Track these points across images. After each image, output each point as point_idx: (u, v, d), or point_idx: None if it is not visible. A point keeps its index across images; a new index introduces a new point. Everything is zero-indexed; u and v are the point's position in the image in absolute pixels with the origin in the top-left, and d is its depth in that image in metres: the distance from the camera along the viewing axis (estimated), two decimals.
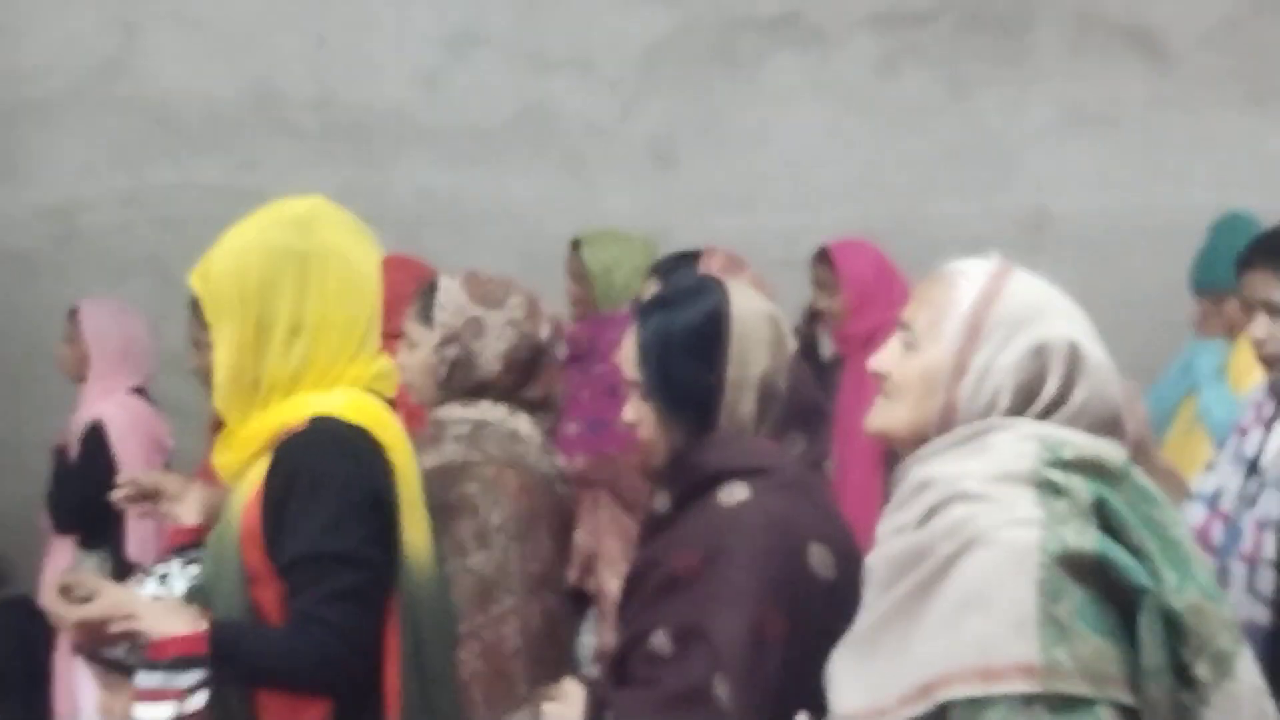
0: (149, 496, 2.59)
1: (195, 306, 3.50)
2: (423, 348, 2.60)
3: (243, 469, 2.15)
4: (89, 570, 4.15)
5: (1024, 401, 1.72)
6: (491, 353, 2.59)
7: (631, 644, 2.06)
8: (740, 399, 2.08)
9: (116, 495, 2.60)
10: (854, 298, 4.22)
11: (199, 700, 1.94)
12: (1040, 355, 1.71)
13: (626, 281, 4.21)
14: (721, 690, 1.91)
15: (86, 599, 2.02)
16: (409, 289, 2.72)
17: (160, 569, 2.26)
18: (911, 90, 5.64)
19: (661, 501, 2.15)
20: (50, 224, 5.39)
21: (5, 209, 5.37)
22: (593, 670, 2.80)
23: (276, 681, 2.03)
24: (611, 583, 2.72)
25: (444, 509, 2.38)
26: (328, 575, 2.01)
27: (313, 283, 2.11)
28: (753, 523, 1.99)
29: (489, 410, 2.60)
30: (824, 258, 4.30)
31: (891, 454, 3.89)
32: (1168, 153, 5.68)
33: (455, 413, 2.59)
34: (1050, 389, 1.72)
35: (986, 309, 1.74)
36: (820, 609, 1.96)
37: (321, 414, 2.09)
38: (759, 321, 2.11)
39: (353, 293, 2.14)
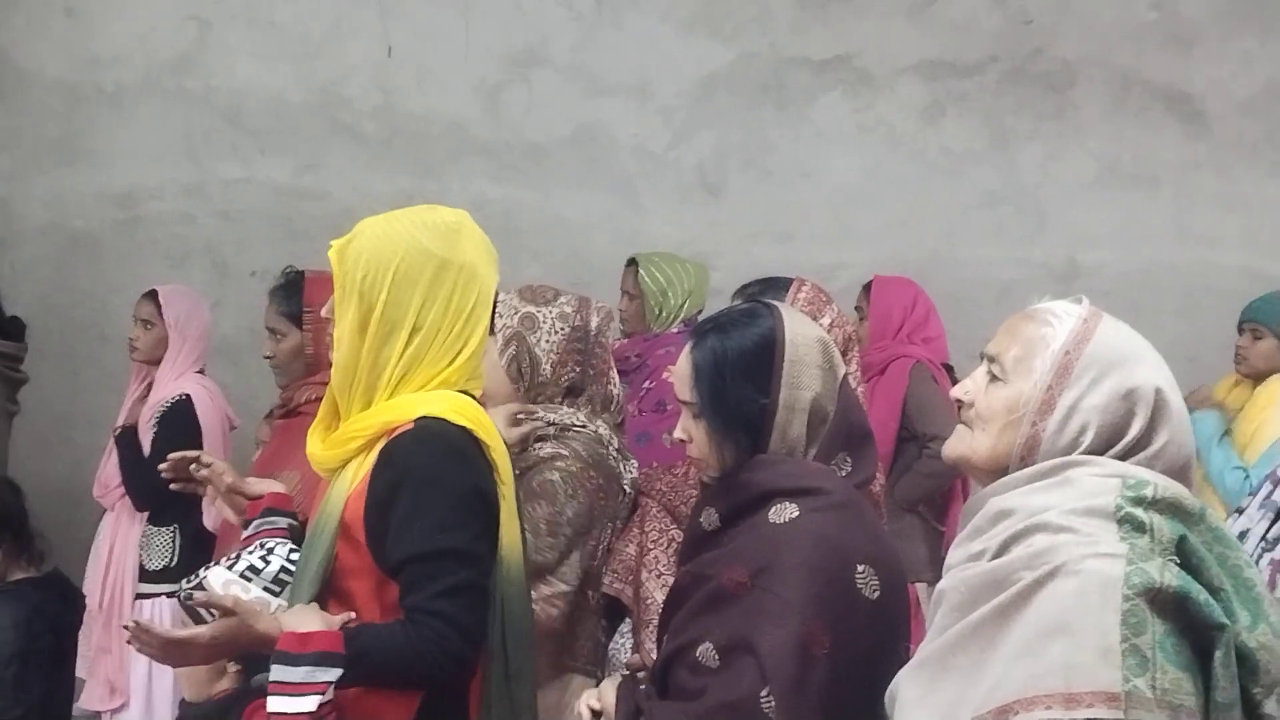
0: (195, 479, 2.57)
1: (276, 295, 3.66)
2: (490, 354, 2.68)
3: (341, 464, 2.20)
4: (160, 545, 4.23)
5: (1107, 442, 1.76)
6: (547, 343, 2.71)
7: (676, 655, 2.09)
8: (791, 421, 2.11)
9: (165, 469, 2.59)
10: (875, 329, 4.44)
11: (331, 694, 1.97)
12: (1129, 399, 1.75)
13: (679, 302, 4.33)
14: (768, 703, 1.93)
15: (221, 613, 2.05)
16: None
17: (268, 542, 2.31)
18: (953, 137, 5.73)
19: (709, 518, 2.18)
20: (115, 209, 5.45)
21: (73, 191, 5.43)
22: (624, 674, 2.89)
23: (401, 677, 2.05)
24: (655, 593, 2.78)
25: (524, 492, 2.46)
26: (444, 572, 2.04)
27: (443, 290, 2.16)
28: (802, 541, 2.01)
29: (570, 415, 2.71)
30: (867, 288, 4.50)
31: (891, 475, 3.94)
32: (1199, 213, 5.77)
33: (539, 415, 2.70)
34: (1134, 432, 1.75)
35: (1079, 349, 1.78)
36: (865, 627, 2.00)
37: (428, 414, 2.12)
38: (811, 346, 2.14)
39: (473, 309, 2.20)
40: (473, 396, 2.25)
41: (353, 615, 2.08)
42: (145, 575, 4.29)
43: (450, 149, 5.53)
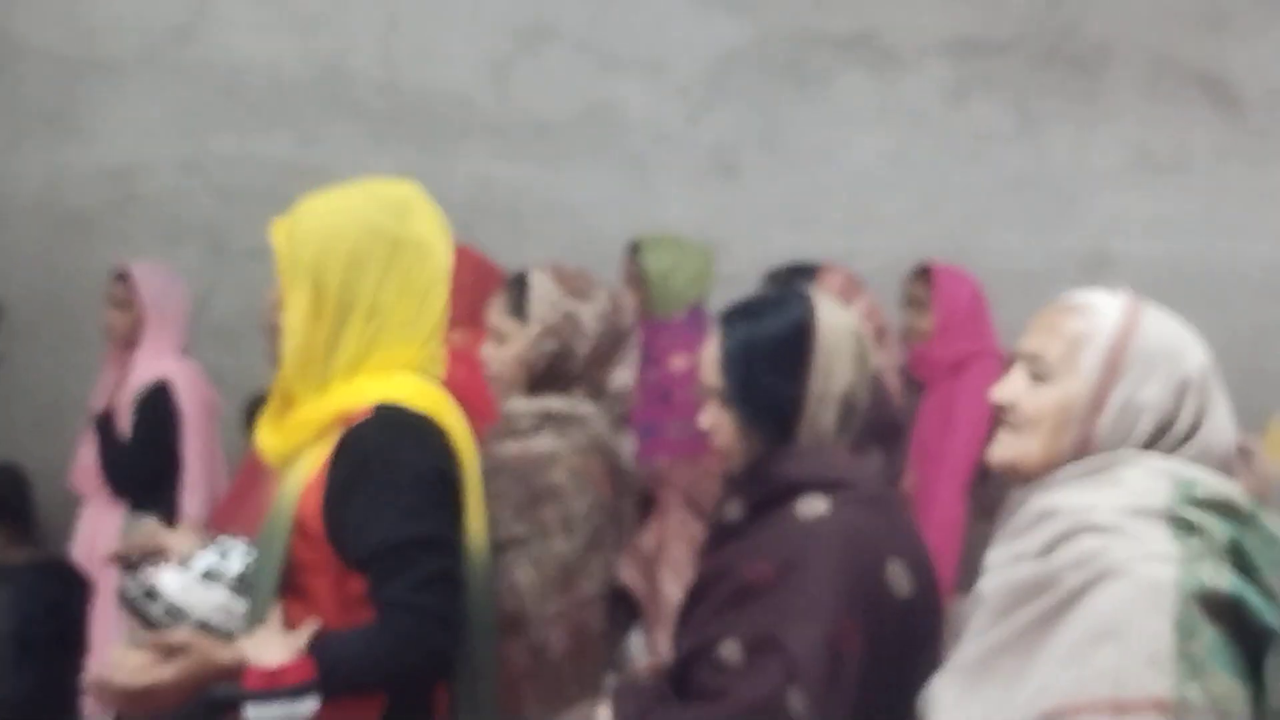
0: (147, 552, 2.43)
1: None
2: (514, 341, 2.61)
3: (294, 454, 2.13)
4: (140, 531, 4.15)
5: (1157, 435, 1.73)
6: (586, 345, 2.63)
7: (696, 652, 2.04)
8: (821, 412, 2.08)
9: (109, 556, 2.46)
10: (944, 322, 4.19)
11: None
12: (1179, 391, 1.73)
13: (683, 288, 4.22)
14: (796, 701, 1.89)
15: (174, 650, 1.94)
16: (464, 277, 2.73)
17: (224, 542, 2.22)
18: (980, 120, 5.63)
19: (733, 510, 2.14)
20: (110, 186, 5.38)
21: (68, 167, 5.37)
22: (633, 673, 2.81)
23: (383, 678, 1.99)
24: (671, 588, 2.72)
25: (531, 496, 2.42)
26: (416, 561, 1.97)
27: (398, 269, 2.10)
28: (830, 535, 1.99)
29: (555, 401, 2.62)
30: (923, 276, 4.26)
31: (979, 480, 3.84)
32: (1232, 203, 5.68)
33: (520, 405, 2.61)
34: (1184, 423, 1.73)
35: (1126, 343, 1.74)
36: (895, 625, 1.97)
37: (386, 400, 2.06)
38: (844, 335, 2.11)
39: (430, 286, 2.15)
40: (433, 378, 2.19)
41: (317, 626, 1.99)
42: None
43: (456, 126, 5.44)
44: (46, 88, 5.36)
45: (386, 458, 2.02)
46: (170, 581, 2.11)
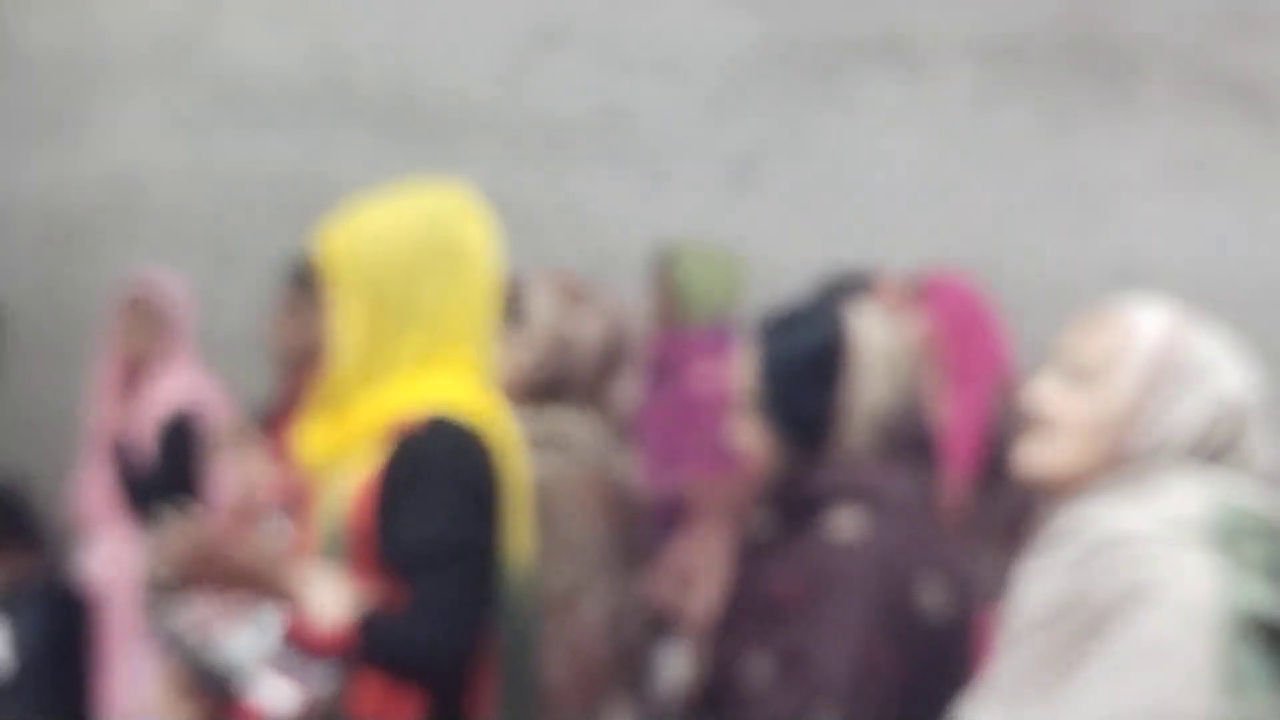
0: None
1: (301, 282, 3.56)
2: (511, 351, 2.64)
3: (338, 456, 2.18)
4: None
5: (1194, 450, 1.72)
6: (584, 354, 2.66)
7: (726, 668, 2.08)
8: (854, 425, 2.11)
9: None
10: (943, 333, 4.07)
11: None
12: (1218, 407, 1.72)
13: (713, 300, 4.30)
14: (827, 717, 1.93)
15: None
16: None
17: (280, 522, 2.36)
18: (1008, 125, 5.58)
19: (763, 524, 2.17)
20: (112, 192, 5.41)
21: (71, 173, 5.41)
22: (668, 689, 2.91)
23: (403, 674, 2.07)
24: (702, 602, 2.75)
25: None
26: (452, 565, 2.05)
27: (453, 275, 2.16)
28: (862, 551, 2.02)
29: (552, 421, 2.65)
30: (922, 288, 4.17)
31: (984, 489, 3.86)
32: (1267, 211, 5.59)
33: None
34: (1222, 440, 1.72)
35: (1165, 354, 1.74)
36: (928, 640, 2.00)
37: (441, 411, 2.12)
38: (879, 349, 2.14)
39: (483, 290, 2.21)
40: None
41: (371, 589, 2.08)
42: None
43: (468, 130, 5.44)
44: (50, 93, 5.41)
45: (436, 468, 2.10)
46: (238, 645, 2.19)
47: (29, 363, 5.19)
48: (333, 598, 2.04)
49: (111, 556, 4.18)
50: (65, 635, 3.84)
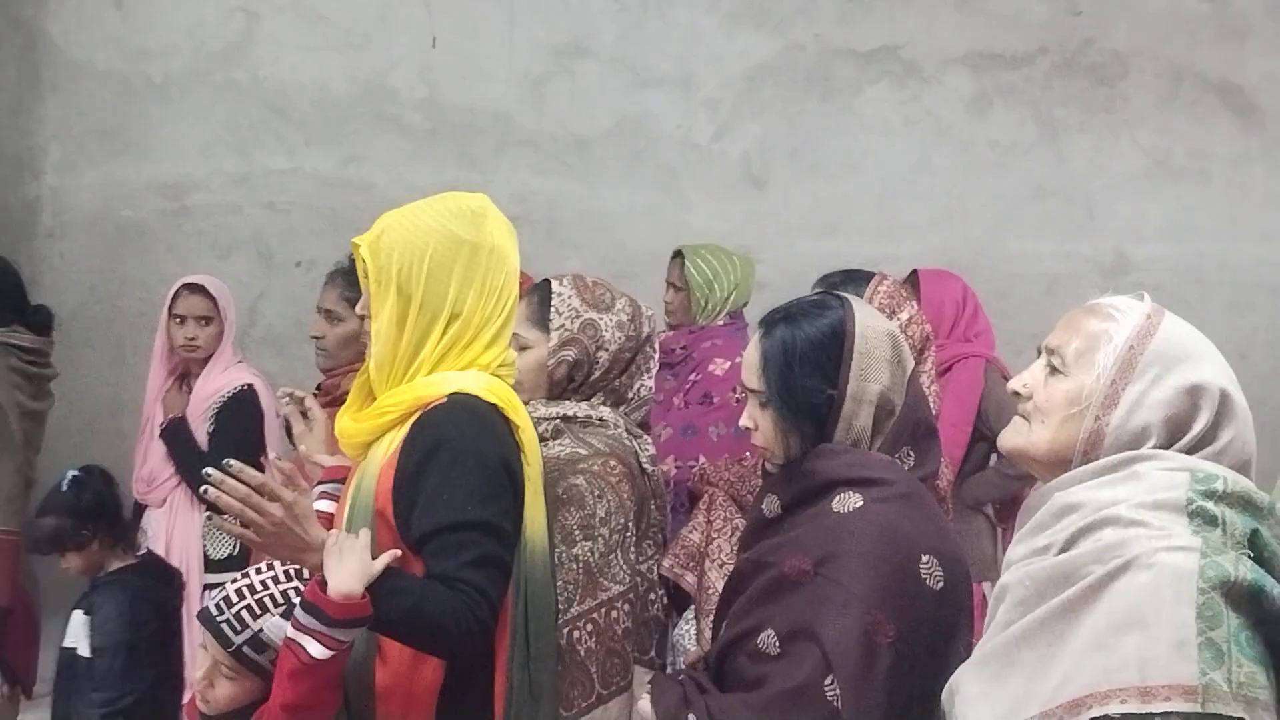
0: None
1: (339, 280, 3.63)
2: (536, 349, 2.67)
3: (370, 439, 2.23)
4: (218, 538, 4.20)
5: (1170, 437, 1.74)
6: (605, 354, 2.69)
7: (735, 642, 2.09)
8: (857, 412, 2.13)
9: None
10: (933, 326, 4.23)
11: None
12: (1193, 395, 1.74)
13: (725, 295, 4.27)
14: (832, 690, 1.93)
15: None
16: None
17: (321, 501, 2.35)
18: (1001, 129, 5.68)
19: (771, 505, 2.18)
20: (162, 199, 5.46)
21: (122, 181, 5.44)
22: (681, 664, 2.86)
23: (421, 644, 2.09)
24: (717, 582, 2.78)
25: (552, 500, 2.45)
26: (472, 543, 2.06)
27: (477, 275, 2.22)
28: (866, 530, 2.02)
29: (574, 406, 2.67)
30: (912, 281, 4.32)
31: (958, 479, 3.83)
32: (1250, 208, 5.72)
33: (540, 411, 2.65)
34: (1198, 428, 1.74)
35: (1142, 344, 1.77)
36: (929, 618, 2.00)
37: (460, 391, 2.17)
38: (880, 339, 2.16)
39: (503, 289, 2.25)
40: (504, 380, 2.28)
41: (396, 554, 2.08)
42: (210, 565, 4.26)
43: (494, 141, 5.53)
44: (102, 107, 5.44)
45: (456, 444, 2.10)
46: (274, 628, 2.27)
47: (86, 360, 5.21)
48: (357, 566, 2.01)
49: (170, 533, 4.23)
50: (165, 608, 3.75)
